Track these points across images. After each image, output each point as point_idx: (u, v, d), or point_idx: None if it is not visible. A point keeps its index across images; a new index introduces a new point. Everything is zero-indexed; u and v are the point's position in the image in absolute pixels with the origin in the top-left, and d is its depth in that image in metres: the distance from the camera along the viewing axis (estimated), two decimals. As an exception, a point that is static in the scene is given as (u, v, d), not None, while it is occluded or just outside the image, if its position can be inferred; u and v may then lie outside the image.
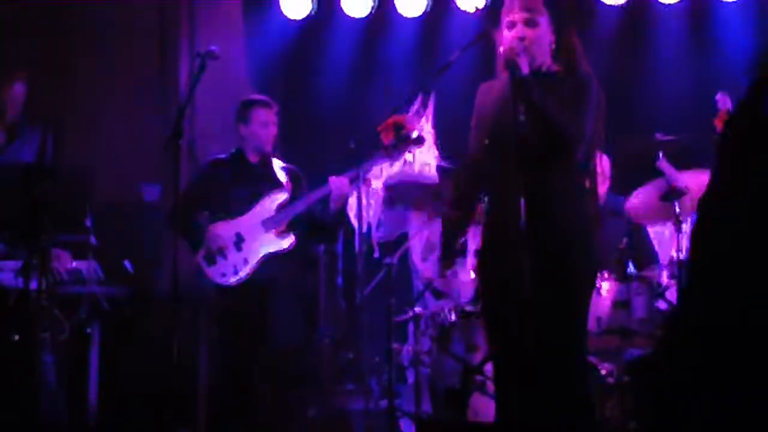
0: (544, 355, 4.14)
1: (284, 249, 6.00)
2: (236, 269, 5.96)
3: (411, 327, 6.43)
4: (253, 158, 6.26)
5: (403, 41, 8.55)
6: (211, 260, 6.01)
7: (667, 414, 2.41)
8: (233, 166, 6.23)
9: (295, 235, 6.04)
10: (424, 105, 7.29)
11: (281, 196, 6.09)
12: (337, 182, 5.88)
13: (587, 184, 4.51)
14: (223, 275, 5.98)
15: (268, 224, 6.01)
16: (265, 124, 6.23)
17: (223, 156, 6.33)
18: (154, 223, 7.08)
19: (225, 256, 5.98)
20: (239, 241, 6.00)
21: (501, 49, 4.39)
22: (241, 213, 6.05)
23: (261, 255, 5.97)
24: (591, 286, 4.52)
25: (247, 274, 5.95)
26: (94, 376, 6.34)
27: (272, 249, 5.98)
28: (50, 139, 6.46)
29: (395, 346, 6.26)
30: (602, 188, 6.37)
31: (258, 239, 5.99)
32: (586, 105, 4.35)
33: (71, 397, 6.26)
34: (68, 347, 6.21)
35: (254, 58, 8.51)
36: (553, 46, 4.49)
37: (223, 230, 6.02)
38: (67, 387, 6.20)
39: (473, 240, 6.67)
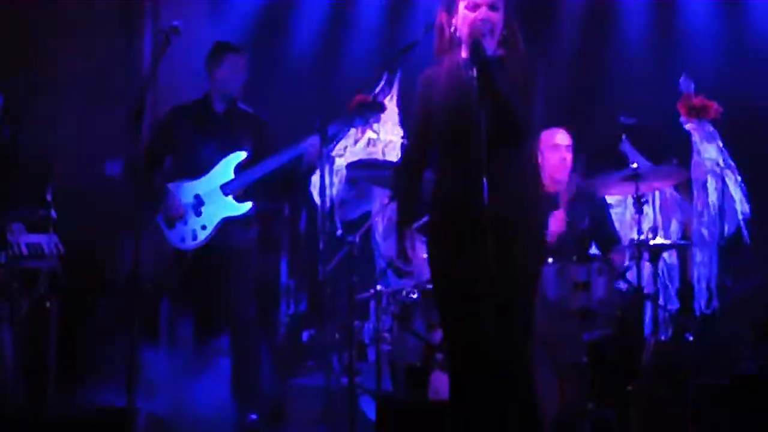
0: (494, 336, 4.17)
1: (242, 214, 6.03)
2: (195, 234, 6.01)
3: (372, 305, 6.43)
4: (218, 106, 6.24)
5: (369, 20, 8.54)
6: (170, 223, 6.06)
7: None
8: (196, 115, 6.23)
9: (253, 200, 6.06)
10: (390, 84, 7.29)
11: (240, 156, 6.09)
12: (309, 147, 5.87)
13: (532, 166, 4.51)
14: (182, 240, 6.04)
15: (226, 188, 6.03)
16: (236, 70, 6.25)
17: (186, 103, 6.35)
18: (116, 198, 7.03)
19: (184, 221, 6.03)
20: (198, 205, 6.03)
21: (459, 30, 4.37)
22: (201, 171, 6.07)
23: (219, 220, 6.00)
24: (537, 270, 4.53)
25: (206, 239, 6.00)
26: (53, 351, 6.31)
27: (230, 214, 6.01)
28: (9, 113, 6.41)
29: (356, 323, 6.26)
30: (553, 160, 6.38)
31: (216, 204, 6.02)
32: (535, 89, 4.37)
33: (29, 371, 6.22)
34: (27, 321, 6.17)
35: (219, 35, 8.46)
36: (504, 33, 4.48)
37: (182, 193, 6.06)
38: (25, 361, 6.16)
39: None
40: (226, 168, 6.07)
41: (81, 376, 6.26)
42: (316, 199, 6.98)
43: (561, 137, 6.41)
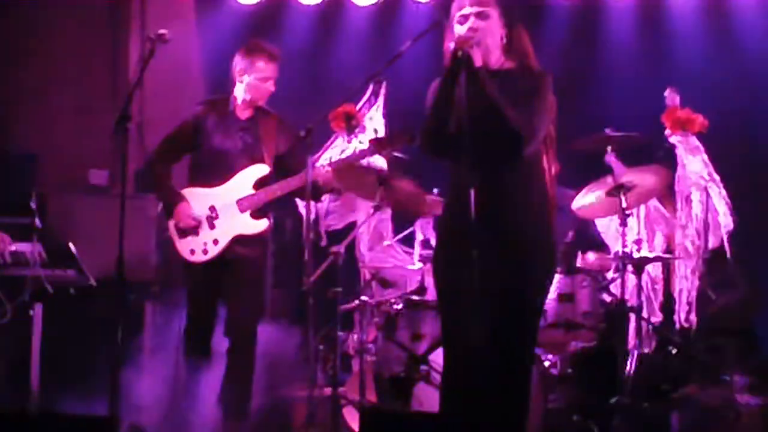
0: (495, 351, 4.20)
1: (257, 232, 5.87)
2: (205, 249, 5.81)
3: (357, 315, 6.42)
4: (242, 113, 5.96)
5: (355, 30, 8.55)
6: (182, 232, 5.84)
7: None
8: (222, 117, 5.94)
9: (269, 217, 5.90)
10: (376, 94, 7.30)
11: (260, 171, 5.88)
12: (322, 175, 5.78)
13: (538, 179, 4.50)
14: (192, 252, 5.84)
15: (243, 204, 5.81)
16: (265, 79, 5.93)
17: (215, 98, 6.08)
18: (101, 206, 7.01)
19: (196, 233, 5.83)
20: (212, 218, 5.82)
21: (452, 44, 4.38)
22: (219, 180, 5.84)
23: (232, 236, 5.80)
24: (545, 284, 4.53)
25: (216, 254, 5.81)
26: (36, 359, 6.28)
27: (245, 231, 5.82)
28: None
29: (341, 334, 6.25)
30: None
31: (231, 219, 5.81)
32: (540, 102, 4.37)
33: (12, 380, 6.20)
34: (10, 330, 6.14)
35: (206, 42, 8.47)
36: (505, 41, 4.51)
37: (198, 202, 5.83)
38: (8, 370, 6.13)
39: (420, 231, 6.69)
40: (245, 181, 5.85)
41: (64, 384, 6.24)
42: (301, 209, 6.99)
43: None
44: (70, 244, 6.31)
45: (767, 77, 7.70)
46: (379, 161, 7.01)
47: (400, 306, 6.25)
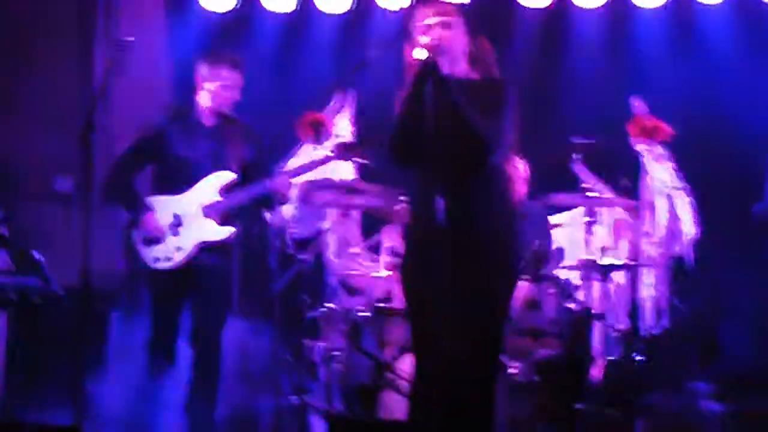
0: (463, 357, 4.23)
1: (223, 239, 5.80)
2: (169, 256, 5.74)
3: (323, 323, 6.42)
4: (206, 120, 5.90)
5: (324, 38, 8.56)
6: (147, 240, 5.77)
7: None
8: (186, 124, 5.88)
9: (235, 224, 5.84)
10: (343, 102, 7.30)
11: (225, 177, 5.81)
12: (278, 185, 5.75)
13: (503, 187, 4.53)
14: (156, 260, 5.76)
15: (208, 211, 5.74)
16: (228, 87, 5.87)
17: (179, 107, 6.03)
18: (66, 213, 7.00)
19: (161, 241, 5.75)
20: (176, 225, 5.74)
21: (418, 51, 4.38)
22: (183, 187, 5.78)
23: (197, 243, 5.74)
24: (511, 287, 4.54)
25: (181, 262, 5.74)
26: (1, 368, 6.25)
27: (210, 238, 5.75)
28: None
29: (307, 342, 6.25)
30: (518, 192, 6.41)
31: (196, 226, 5.73)
32: (505, 111, 4.39)
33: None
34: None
35: (175, 49, 8.46)
36: (470, 49, 4.53)
37: (161, 210, 5.76)
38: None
39: (388, 238, 6.70)
40: (209, 187, 5.77)
41: (29, 393, 6.22)
42: (268, 215, 6.98)
43: (519, 168, 6.43)
44: (35, 252, 6.29)
45: (732, 84, 7.75)
46: (345, 168, 7.03)
47: (367, 313, 6.25)
